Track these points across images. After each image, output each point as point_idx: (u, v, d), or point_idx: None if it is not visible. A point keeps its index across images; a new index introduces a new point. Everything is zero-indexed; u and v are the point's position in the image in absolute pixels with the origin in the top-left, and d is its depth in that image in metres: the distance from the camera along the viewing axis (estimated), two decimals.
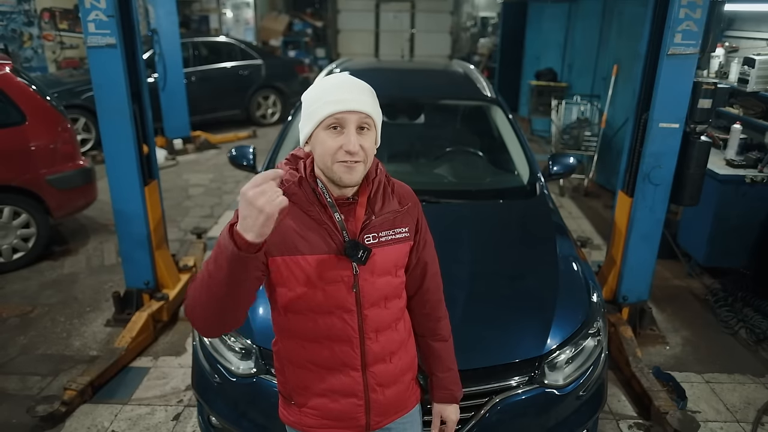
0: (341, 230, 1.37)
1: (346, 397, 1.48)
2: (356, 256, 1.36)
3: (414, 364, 1.60)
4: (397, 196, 1.47)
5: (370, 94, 1.36)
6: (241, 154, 3.28)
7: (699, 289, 4.18)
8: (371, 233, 1.40)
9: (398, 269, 1.48)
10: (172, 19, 7.19)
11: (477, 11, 14.83)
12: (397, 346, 1.51)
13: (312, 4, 16.16)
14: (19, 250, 4.31)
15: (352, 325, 1.42)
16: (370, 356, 1.46)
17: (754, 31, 4.48)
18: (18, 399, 2.90)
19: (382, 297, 1.44)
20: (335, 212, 1.37)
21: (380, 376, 1.48)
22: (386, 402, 1.51)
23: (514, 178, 3.24)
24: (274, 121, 9.49)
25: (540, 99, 7.91)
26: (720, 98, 3.15)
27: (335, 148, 1.30)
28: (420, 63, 7.28)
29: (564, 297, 2.29)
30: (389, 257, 1.43)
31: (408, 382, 1.58)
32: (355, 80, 1.37)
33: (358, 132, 1.31)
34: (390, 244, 1.43)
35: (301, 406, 1.52)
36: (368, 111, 1.32)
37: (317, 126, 1.32)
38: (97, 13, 2.93)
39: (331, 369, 1.46)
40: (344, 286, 1.39)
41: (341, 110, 1.29)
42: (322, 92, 1.33)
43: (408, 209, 1.48)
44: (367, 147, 1.33)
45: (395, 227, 1.44)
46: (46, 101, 4.36)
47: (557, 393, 2.04)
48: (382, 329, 1.46)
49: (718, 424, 2.85)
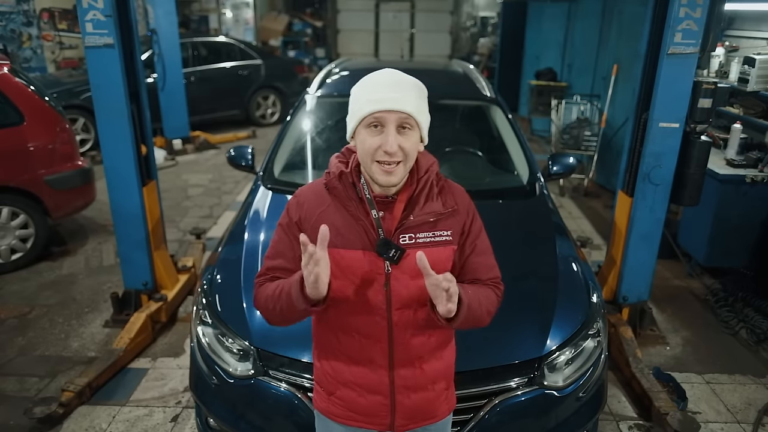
0: (377, 228, 1.36)
1: (372, 393, 1.48)
2: (387, 254, 1.35)
3: (448, 374, 1.56)
4: (444, 197, 1.43)
5: (416, 93, 1.32)
6: (240, 155, 3.27)
7: (699, 290, 4.17)
8: (408, 233, 1.38)
9: (437, 273, 1.43)
10: (171, 19, 7.18)
11: (477, 11, 14.83)
12: (429, 353, 1.48)
13: (312, 4, 16.17)
14: (17, 251, 4.29)
15: (381, 324, 1.41)
16: (398, 358, 1.44)
17: (755, 30, 4.46)
18: (16, 400, 2.89)
19: (415, 300, 1.41)
20: (372, 209, 1.37)
21: (407, 380, 1.46)
22: (413, 406, 1.49)
23: (513, 178, 3.23)
24: (274, 121, 9.49)
25: (540, 99, 7.91)
26: (720, 98, 3.14)
27: (374, 148, 1.30)
28: (420, 63, 7.28)
29: (564, 298, 2.28)
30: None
31: (439, 390, 1.53)
32: (400, 77, 1.33)
33: (398, 132, 1.30)
34: (428, 246, 1.39)
35: (329, 394, 1.53)
36: (409, 111, 1.29)
37: (359, 124, 1.33)
38: (94, 13, 2.92)
39: (360, 363, 1.46)
40: (376, 283, 1.39)
41: (380, 109, 1.28)
42: (366, 89, 1.32)
43: (453, 212, 1.43)
44: (407, 147, 1.30)
45: (436, 229, 1.40)
46: (45, 101, 4.35)
47: (557, 394, 2.03)
48: (413, 333, 1.44)
49: (719, 425, 2.84)
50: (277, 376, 2.01)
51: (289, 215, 1.45)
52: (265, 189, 3.02)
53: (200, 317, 2.27)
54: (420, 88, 1.35)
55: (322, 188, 1.44)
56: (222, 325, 2.18)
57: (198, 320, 2.27)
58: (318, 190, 1.45)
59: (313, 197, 1.44)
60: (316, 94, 3.55)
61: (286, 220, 1.46)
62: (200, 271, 3.28)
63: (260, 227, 2.71)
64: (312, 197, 1.45)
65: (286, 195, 2.96)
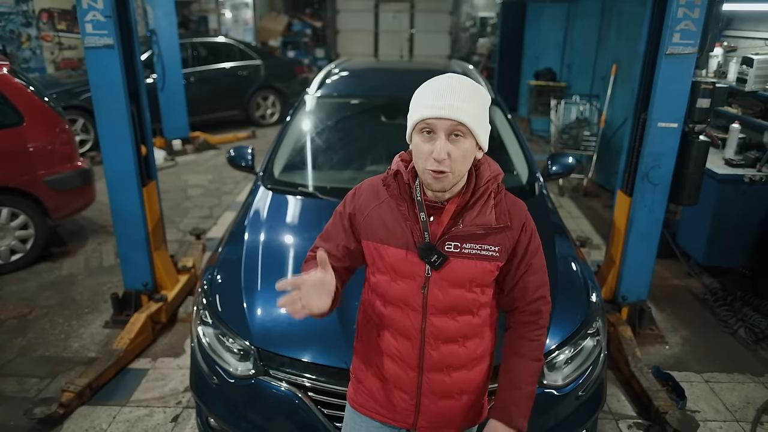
0: (423, 231, 1.37)
1: (398, 390, 1.49)
2: (429, 259, 1.37)
3: (477, 389, 1.53)
4: (498, 211, 1.39)
5: (472, 100, 1.29)
6: (240, 155, 3.28)
7: (698, 289, 4.18)
8: (454, 242, 1.37)
9: (475, 285, 1.41)
10: (170, 19, 7.19)
11: (476, 11, 14.84)
12: (460, 364, 1.47)
13: (311, 4, 16.17)
14: (17, 252, 4.30)
15: (415, 325, 1.43)
16: (428, 362, 1.45)
17: (753, 30, 4.47)
18: (16, 401, 2.89)
19: (451, 308, 1.41)
20: (421, 211, 1.38)
21: (435, 385, 1.47)
22: (437, 412, 1.50)
23: (513, 178, 3.23)
24: (274, 121, 9.49)
25: (539, 99, 7.91)
26: (718, 98, 3.15)
27: (426, 154, 1.30)
28: (419, 63, 7.28)
29: (563, 297, 2.28)
30: (468, 271, 1.38)
31: (466, 402, 1.51)
32: (458, 84, 1.30)
33: (449, 139, 1.28)
34: (472, 258, 1.38)
35: (359, 382, 1.56)
36: (461, 119, 1.26)
37: (413, 128, 1.33)
38: (94, 14, 2.92)
39: (392, 358, 1.48)
40: (415, 284, 1.40)
41: (431, 116, 1.27)
42: (423, 94, 1.32)
43: (505, 228, 1.39)
44: (456, 155, 1.28)
45: (484, 242, 1.38)
46: (44, 102, 4.36)
47: (556, 393, 2.04)
48: (445, 340, 1.44)
49: (718, 424, 2.84)
50: (278, 376, 2.02)
51: (345, 205, 1.50)
52: (265, 189, 3.02)
53: (201, 317, 2.27)
54: (479, 94, 1.31)
55: (380, 184, 1.46)
56: (222, 325, 2.18)
57: (198, 320, 2.28)
58: (376, 184, 1.48)
59: (371, 191, 1.47)
60: (316, 95, 3.55)
61: (341, 209, 1.51)
62: (200, 271, 3.29)
63: (260, 227, 2.71)
64: (369, 191, 1.47)
65: (286, 195, 2.97)
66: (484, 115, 1.33)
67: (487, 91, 1.37)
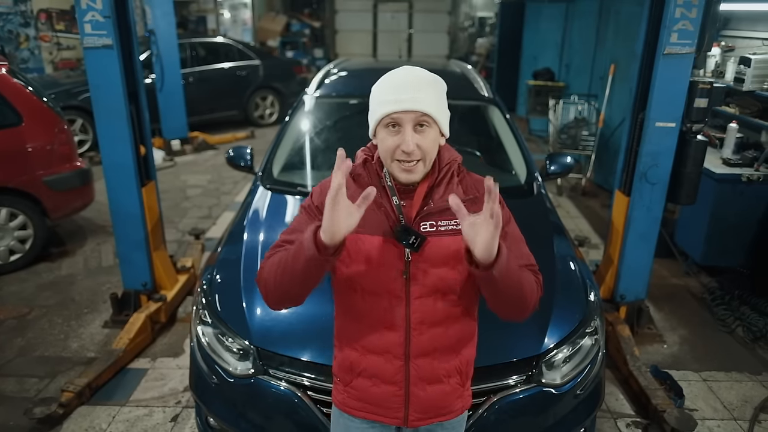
0: (398, 214, 1.37)
1: (386, 383, 1.47)
2: (407, 241, 1.35)
3: (465, 370, 1.53)
4: (465, 186, 1.43)
5: (432, 90, 1.33)
6: (239, 155, 3.28)
7: (696, 288, 4.19)
8: (429, 221, 1.38)
9: (458, 263, 1.36)
10: (169, 19, 7.19)
11: (475, 11, 14.86)
12: (447, 346, 1.46)
13: (310, 4, 16.17)
14: (16, 252, 4.30)
15: (400, 312, 1.41)
16: (415, 348, 1.43)
17: (750, 30, 4.49)
18: (15, 401, 2.89)
19: (435, 289, 1.40)
20: (394, 196, 1.38)
21: (423, 370, 1.45)
22: (427, 398, 1.48)
23: (511, 177, 3.24)
24: (272, 121, 9.49)
25: (537, 99, 7.93)
26: (716, 97, 3.16)
27: (393, 147, 1.32)
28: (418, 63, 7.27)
29: (561, 296, 2.29)
30: (448, 247, 1.37)
31: (454, 385, 1.51)
32: (416, 75, 1.33)
33: (416, 130, 1.31)
34: (450, 234, 1.37)
35: (345, 385, 1.53)
36: (425, 109, 1.29)
37: (378, 123, 1.34)
38: (93, 14, 2.93)
39: (376, 352, 1.46)
40: (395, 270, 1.38)
41: (396, 110, 1.29)
42: (382, 90, 1.33)
43: (475, 199, 1.40)
44: (424, 145, 1.31)
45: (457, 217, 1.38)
46: (43, 102, 4.36)
47: (555, 392, 2.04)
48: (431, 323, 1.42)
49: (716, 422, 2.85)
50: (277, 375, 2.02)
51: (313, 200, 1.46)
52: (264, 189, 3.03)
53: (200, 317, 2.27)
54: (437, 83, 1.35)
55: (347, 176, 1.44)
56: (222, 325, 2.19)
57: (198, 320, 2.28)
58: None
59: None
60: (315, 95, 3.56)
61: (308, 202, 1.46)
62: (200, 271, 3.29)
63: (259, 227, 2.72)
64: None
65: (285, 195, 2.98)
66: (444, 102, 1.37)
67: (442, 79, 1.38)
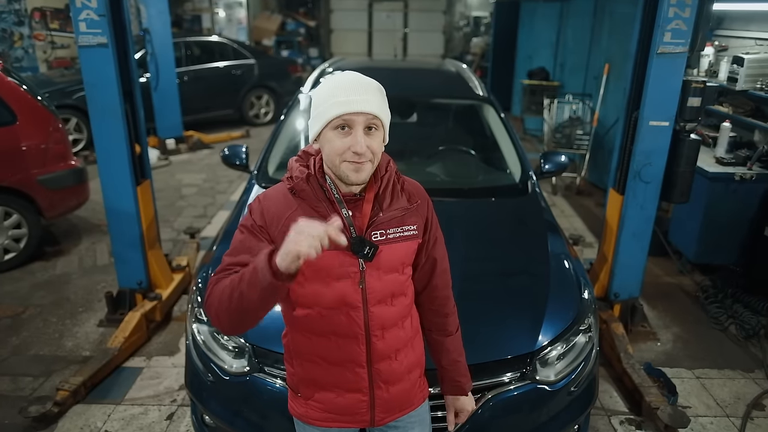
0: (348, 226, 1.38)
1: (350, 392, 1.49)
2: (362, 252, 1.37)
3: (421, 361, 1.61)
4: (406, 193, 1.47)
5: (379, 94, 1.36)
6: (234, 154, 3.28)
7: (690, 286, 4.22)
8: (379, 230, 1.40)
9: (405, 266, 1.48)
10: (164, 18, 7.16)
11: (470, 11, 14.88)
12: (404, 344, 1.51)
13: (305, 3, 16.13)
14: (10, 251, 4.28)
15: (358, 322, 1.42)
16: (376, 353, 1.46)
17: (743, 30, 4.51)
18: (10, 400, 2.89)
19: (389, 294, 1.45)
20: (342, 208, 1.38)
21: (385, 374, 1.49)
22: (391, 399, 1.52)
23: (506, 176, 3.26)
24: (267, 120, 9.48)
25: (532, 98, 7.95)
26: (709, 97, 3.18)
27: (343, 149, 1.32)
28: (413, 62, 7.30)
29: (555, 294, 2.31)
30: (397, 254, 1.43)
31: (414, 379, 1.58)
32: (364, 80, 1.36)
33: (365, 132, 1.32)
34: (398, 241, 1.43)
35: (307, 399, 1.53)
36: (376, 112, 1.32)
37: (325, 126, 1.33)
38: (88, 13, 2.92)
39: (337, 364, 1.47)
40: (351, 282, 1.40)
41: (349, 111, 1.30)
42: (331, 92, 1.33)
43: (417, 207, 1.47)
44: (374, 147, 1.34)
45: (404, 224, 1.44)
46: (37, 101, 4.34)
47: (549, 389, 2.06)
48: (389, 326, 1.47)
49: (708, 419, 2.88)
50: (273, 373, 2.03)
51: (254, 218, 1.40)
52: (259, 188, 3.03)
53: (195, 315, 2.28)
54: (382, 90, 1.38)
55: (286, 192, 1.41)
56: None
57: (193, 318, 2.28)
58: (281, 194, 1.42)
59: (278, 202, 1.41)
60: (310, 94, 3.56)
61: (250, 222, 1.40)
62: (195, 270, 3.29)
63: None
64: (276, 202, 1.41)
65: None
66: (388, 109, 1.39)
67: (383, 87, 1.40)
